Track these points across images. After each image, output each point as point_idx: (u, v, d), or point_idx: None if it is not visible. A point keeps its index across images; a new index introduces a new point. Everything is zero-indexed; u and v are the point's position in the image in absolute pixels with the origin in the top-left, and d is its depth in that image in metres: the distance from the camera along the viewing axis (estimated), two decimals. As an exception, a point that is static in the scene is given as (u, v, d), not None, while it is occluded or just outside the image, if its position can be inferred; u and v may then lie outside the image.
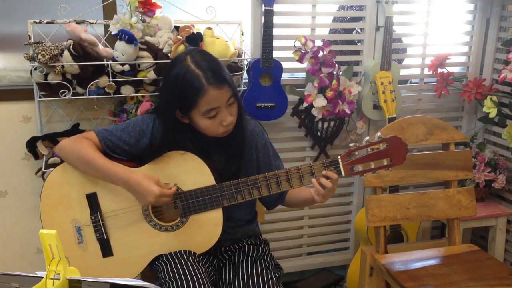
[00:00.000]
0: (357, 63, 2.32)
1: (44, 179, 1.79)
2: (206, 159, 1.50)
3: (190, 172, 1.48)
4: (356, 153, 1.42)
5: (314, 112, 2.14)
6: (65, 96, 1.80)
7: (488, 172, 2.31)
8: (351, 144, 1.43)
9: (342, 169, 1.43)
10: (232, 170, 1.52)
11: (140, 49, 1.84)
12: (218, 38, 1.89)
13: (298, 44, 2.08)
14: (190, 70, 1.38)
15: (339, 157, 1.43)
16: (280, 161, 1.65)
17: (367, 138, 1.42)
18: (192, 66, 1.39)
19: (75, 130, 2.00)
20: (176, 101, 1.42)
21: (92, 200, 1.50)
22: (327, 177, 1.42)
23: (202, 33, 1.87)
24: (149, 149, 1.52)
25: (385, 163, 1.42)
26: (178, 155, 1.49)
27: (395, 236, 2.28)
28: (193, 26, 1.93)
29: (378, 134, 1.42)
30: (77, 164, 1.48)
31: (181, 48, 1.84)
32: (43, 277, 0.83)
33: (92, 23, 1.91)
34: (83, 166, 1.48)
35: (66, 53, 1.75)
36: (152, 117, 1.55)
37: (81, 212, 1.50)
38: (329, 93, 2.09)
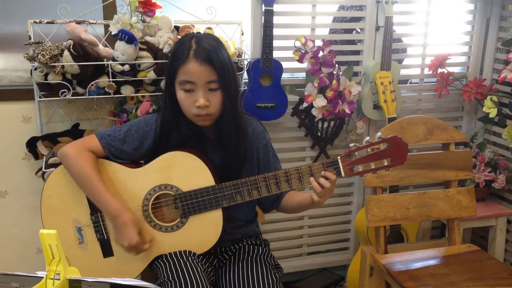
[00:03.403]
0: (357, 63, 2.32)
1: (44, 179, 1.79)
2: (205, 159, 1.50)
3: (190, 172, 1.48)
4: (356, 153, 1.40)
5: (314, 112, 2.14)
6: (65, 96, 1.80)
7: (488, 172, 2.31)
8: (351, 144, 1.41)
9: (342, 170, 1.42)
10: (232, 170, 1.52)
11: (140, 49, 1.84)
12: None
13: (298, 44, 2.08)
14: (186, 42, 1.44)
15: (338, 157, 1.42)
16: (279, 163, 1.64)
17: (367, 138, 1.41)
18: (192, 40, 1.43)
19: (75, 130, 2.00)
20: (168, 68, 1.47)
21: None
22: (326, 178, 1.41)
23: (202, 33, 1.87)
24: (152, 150, 1.53)
25: (386, 163, 1.40)
26: (178, 156, 1.49)
27: (395, 236, 2.28)
28: (193, 26, 1.93)
29: (379, 134, 1.41)
30: (74, 177, 1.48)
31: (181, 48, 1.84)
32: (43, 277, 0.83)
33: (92, 23, 1.91)
34: (79, 183, 1.47)
35: (66, 53, 1.75)
36: (154, 118, 1.55)
37: (81, 213, 1.50)
38: (329, 93, 2.09)
